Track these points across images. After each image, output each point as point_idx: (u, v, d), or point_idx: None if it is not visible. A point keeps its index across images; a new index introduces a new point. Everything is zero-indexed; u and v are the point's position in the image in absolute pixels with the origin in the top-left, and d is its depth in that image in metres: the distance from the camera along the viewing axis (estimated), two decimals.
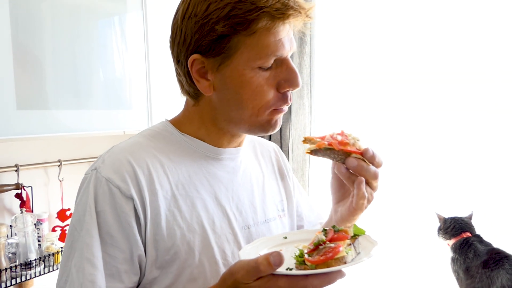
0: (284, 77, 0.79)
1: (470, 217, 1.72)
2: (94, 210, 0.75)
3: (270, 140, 2.08)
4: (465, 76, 1.72)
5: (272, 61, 0.78)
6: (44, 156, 1.66)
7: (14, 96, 1.13)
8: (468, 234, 1.66)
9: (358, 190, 0.81)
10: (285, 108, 0.83)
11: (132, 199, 0.75)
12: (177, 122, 0.88)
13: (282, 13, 0.75)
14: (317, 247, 0.72)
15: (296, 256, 0.71)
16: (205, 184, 0.84)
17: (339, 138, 0.81)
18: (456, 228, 1.69)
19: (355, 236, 0.76)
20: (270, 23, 0.75)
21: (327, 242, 0.72)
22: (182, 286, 0.78)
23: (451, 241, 1.67)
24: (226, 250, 0.83)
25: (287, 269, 0.68)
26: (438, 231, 1.74)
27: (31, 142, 1.59)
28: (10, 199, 1.58)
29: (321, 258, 0.67)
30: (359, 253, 0.73)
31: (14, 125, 1.13)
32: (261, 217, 0.91)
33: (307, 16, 0.79)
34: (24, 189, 1.57)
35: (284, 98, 0.81)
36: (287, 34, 0.78)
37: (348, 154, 0.78)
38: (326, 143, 0.78)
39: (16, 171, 1.55)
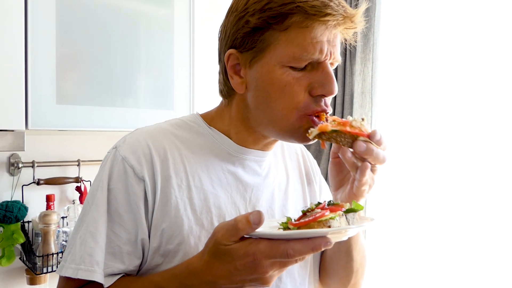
0: (318, 80, 0.75)
1: None
2: (107, 186, 0.77)
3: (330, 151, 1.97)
4: None
5: (305, 63, 0.74)
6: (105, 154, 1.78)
7: (54, 91, 1.22)
8: None
9: (361, 176, 0.73)
10: (318, 120, 0.76)
11: (143, 181, 0.76)
12: (207, 117, 0.88)
13: (318, 11, 0.71)
14: (304, 214, 0.68)
15: (282, 222, 0.68)
16: (222, 181, 0.82)
17: (344, 119, 0.74)
18: None
19: (351, 210, 0.71)
20: (305, 20, 0.72)
21: (315, 210, 0.68)
22: None
23: None
24: None
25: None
26: None
27: (93, 138, 1.72)
28: (72, 191, 1.71)
29: (305, 220, 0.64)
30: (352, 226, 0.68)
31: (52, 119, 1.22)
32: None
33: (351, 21, 0.74)
34: (83, 183, 1.69)
35: (316, 103, 0.75)
36: (327, 39, 0.73)
37: (355, 137, 0.71)
38: (329, 125, 0.71)
39: (77, 165, 1.68)
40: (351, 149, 0.72)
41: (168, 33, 1.45)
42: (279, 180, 0.91)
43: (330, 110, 0.78)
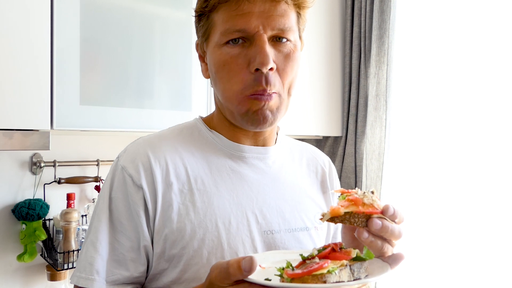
0: (252, 55, 0.75)
1: None
2: (108, 196, 0.78)
3: (344, 155, 1.99)
4: None
5: (235, 35, 0.75)
6: None
7: (78, 92, 1.26)
8: None
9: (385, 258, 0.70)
10: (264, 97, 0.76)
11: (142, 189, 0.76)
12: (207, 119, 0.89)
13: None
14: (304, 261, 0.65)
15: (279, 268, 0.64)
16: (227, 182, 0.81)
17: (355, 196, 0.70)
18: None
19: (359, 260, 0.66)
20: None
21: (316, 258, 0.64)
22: (187, 284, 0.76)
23: None
24: (239, 253, 0.77)
25: (266, 279, 0.61)
26: None
27: (111, 139, 1.76)
28: (92, 190, 1.76)
29: (299, 272, 0.60)
30: (357, 278, 0.63)
31: (76, 119, 1.26)
32: (291, 224, 0.84)
33: None
34: (102, 182, 1.73)
35: (256, 80, 0.75)
36: (258, 10, 0.74)
37: (368, 215, 0.67)
38: (341, 208, 0.68)
39: (97, 165, 1.72)
40: (366, 228, 0.68)
41: (186, 35, 1.48)
42: (292, 183, 0.88)
43: (273, 88, 0.76)
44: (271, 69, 0.75)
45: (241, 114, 0.78)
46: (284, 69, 0.77)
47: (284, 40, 0.77)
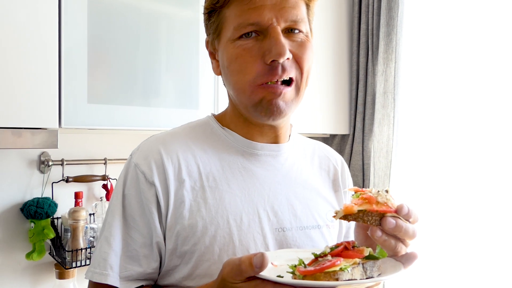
0: (267, 47, 0.74)
1: None
2: (122, 192, 0.79)
3: (351, 153, 1.98)
4: None
5: (248, 29, 0.75)
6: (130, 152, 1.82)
7: (86, 91, 1.26)
8: None
9: (399, 258, 0.70)
10: (278, 86, 0.76)
11: (154, 186, 0.77)
12: (220, 117, 0.89)
13: None
14: (316, 259, 0.65)
15: (291, 265, 0.65)
16: (238, 179, 0.81)
17: (369, 195, 0.69)
18: None
19: (372, 258, 0.65)
20: None
21: (329, 256, 0.64)
22: (199, 280, 0.76)
23: None
24: (250, 250, 0.78)
25: (278, 276, 0.61)
26: None
27: (118, 137, 1.77)
28: (99, 189, 1.76)
29: (311, 269, 0.60)
30: (370, 277, 0.63)
31: (84, 117, 1.26)
32: (302, 222, 0.84)
33: None
34: (110, 181, 1.74)
35: (271, 71, 0.75)
36: (270, 2, 0.74)
37: (382, 214, 0.67)
38: (355, 206, 0.67)
39: (104, 164, 1.73)
40: (379, 227, 0.68)
41: (193, 33, 1.48)
42: (304, 180, 0.88)
43: (290, 75, 0.76)
44: (287, 59, 0.75)
45: (254, 104, 0.77)
46: (301, 56, 0.78)
47: (297, 31, 0.77)
